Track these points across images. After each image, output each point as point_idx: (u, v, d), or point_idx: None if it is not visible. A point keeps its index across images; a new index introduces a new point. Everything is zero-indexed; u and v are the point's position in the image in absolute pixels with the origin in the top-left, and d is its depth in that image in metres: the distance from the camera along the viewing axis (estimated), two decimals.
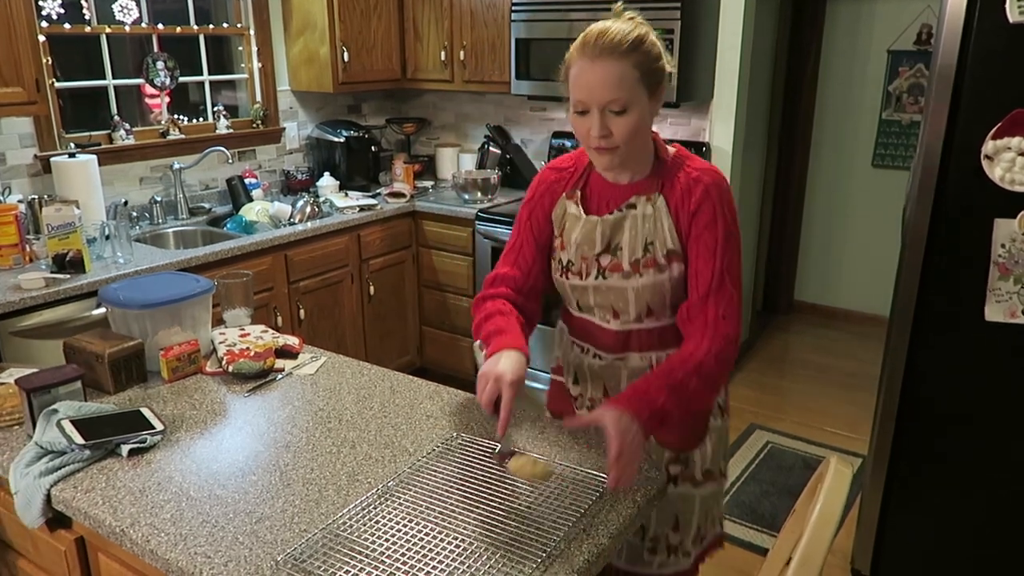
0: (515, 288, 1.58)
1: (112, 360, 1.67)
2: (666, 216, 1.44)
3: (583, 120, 1.38)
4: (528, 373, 1.42)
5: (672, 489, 1.54)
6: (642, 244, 1.45)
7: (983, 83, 1.96)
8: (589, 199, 1.52)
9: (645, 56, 1.35)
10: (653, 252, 1.45)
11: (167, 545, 1.18)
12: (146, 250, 2.91)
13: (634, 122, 1.36)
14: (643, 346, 1.53)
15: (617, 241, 1.48)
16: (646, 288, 1.46)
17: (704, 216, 1.42)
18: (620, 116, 1.35)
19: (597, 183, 1.52)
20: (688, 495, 1.57)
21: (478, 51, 3.73)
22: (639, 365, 1.54)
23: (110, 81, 3.27)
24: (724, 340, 1.38)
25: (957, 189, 2.05)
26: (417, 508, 1.26)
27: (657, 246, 1.45)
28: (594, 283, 1.50)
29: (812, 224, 4.90)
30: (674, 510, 1.56)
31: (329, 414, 1.60)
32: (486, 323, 1.50)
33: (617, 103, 1.34)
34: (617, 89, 1.33)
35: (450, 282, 3.75)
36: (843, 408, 3.73)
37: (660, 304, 1.48)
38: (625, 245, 1.47)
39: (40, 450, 1.40)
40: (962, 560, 2.26)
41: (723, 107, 3.41)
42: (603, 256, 1.49)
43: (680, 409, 1.32)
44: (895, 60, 4.40)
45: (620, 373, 1.56)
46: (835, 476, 0.89)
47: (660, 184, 1.46)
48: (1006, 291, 2.01)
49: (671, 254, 1.45)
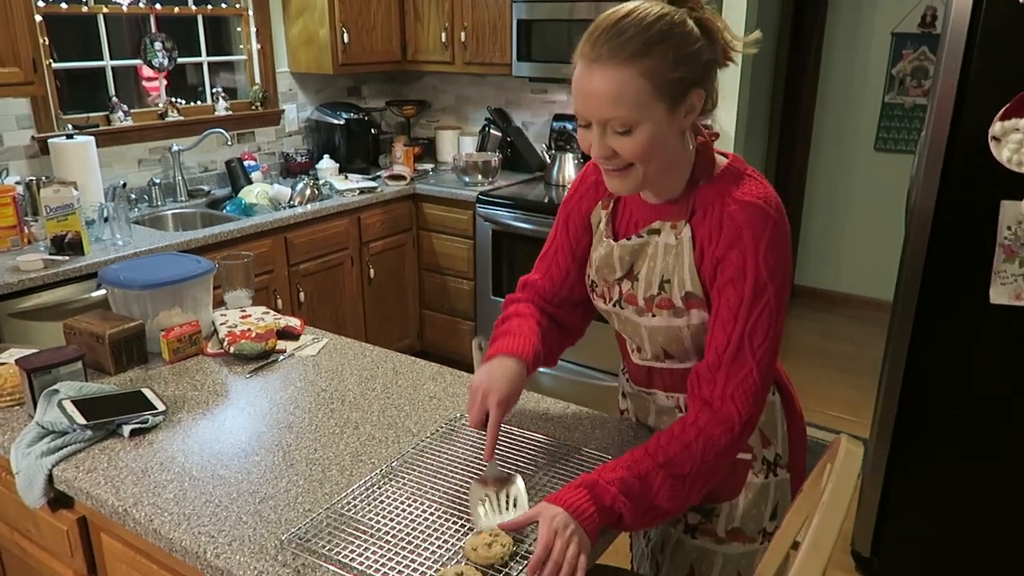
0: (543, 298, 1.42)
1: (113, 341, 1.66)
2: (689, 251, 1.17)
3: (585, 134, 1.12)
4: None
5: (689, 540, 1.36)
6: (658, 280, 1.21)
7: (991, 64, 1.94)
8: (620, 215, 1.29)
9: (662, 60, 1.05)
10: (669, 292, 1.20)
11: (170, 525, 1.17)
12: (145, 232, 2.90)
13: (644, 143, 1.08)
14: (667, 386, 1.34)
15: (638, 269, 1.24)
16: (659, 331, 1.24)
17: (730, 266, 1.12)
18: (625, 136, 1.08)
19: (632, 196, 1.27)
20: (707, 550, 1.35)
21: (479, 33, 3.69)
22: (666, 404, 1.37)
23: (108, 62, 3.24)
24: (724, 425, 1.12)
25: (963, 171, 2.03)
26: (421, 488, 1.26)
27: (675, 285, 1.19)
28: (614, 310, 1.31)
29: (813, 208, 4.89)
30: (689, 560, 1.37)
31: (332, 395, 1.59)
32: (501, 324, 1.37)
33: (618, 122, 1.07)
34: (617, 106, 1.06)
35: (450, 265, 3.74)
36: (843, 391, 3.73)
37: (679, 349, 1.25)
38: (642, 277, 1.23)
39: (41, 430, 1.40)
40: (963, 543, 2.27)
41: (725, 90, 3.38)
42: (623, 282, 1.27)
43: (636, 510, 1.09)
44: (899, 43, 4.37)
45: (649, 407, 1.42)
46: (846, 457, 0.89)
47: (692, 210, 1.18)
48: (1011, 273, 2.00)
49: (690, 298, 1.19)
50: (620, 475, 1.09)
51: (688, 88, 1.09)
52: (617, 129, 1.08)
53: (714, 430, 1.12)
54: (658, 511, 1.11)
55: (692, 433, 1.12)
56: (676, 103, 1.08)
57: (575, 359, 3.34)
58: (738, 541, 1.35)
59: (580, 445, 1.39)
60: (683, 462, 1.10)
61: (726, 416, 1.12)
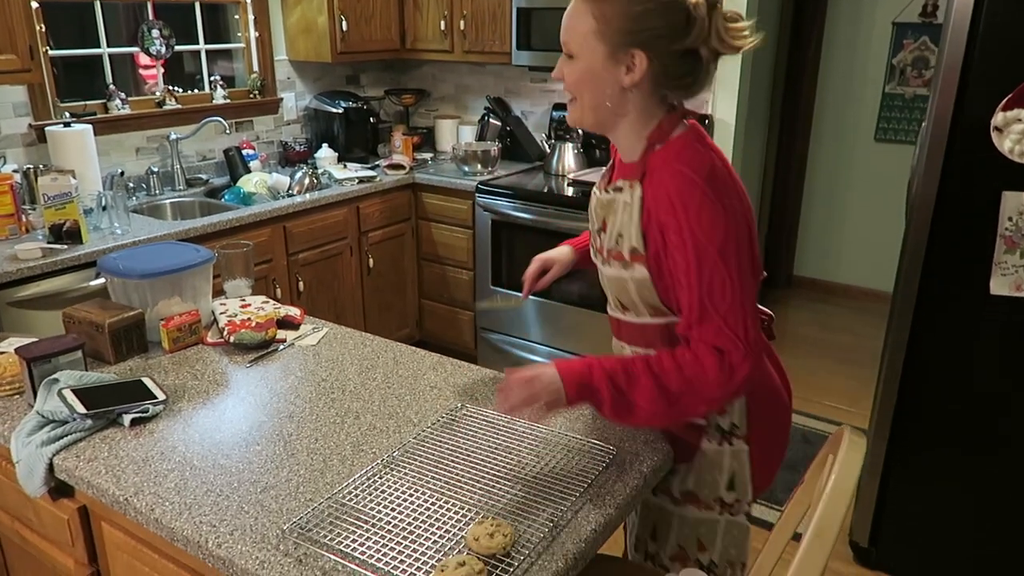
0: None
1: (112, 330, 1.65)
2: (638, 211, 1.26)
3: None
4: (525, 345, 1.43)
5: (651, 497, 1.45)
6: (615, 234, 1.31)
7: (993, 54, 1.94)
8: (613, 170, 1.42)
9: (614, 9, 1.19)
10: (621, 245, 1.30)
11: (172, 514, 1.17)
12: (143, 221, 2.88)
13: (577, 73, 1.26)
14: (632, 339, 1.41)
15: (609, 222, 1.34)
16: (613, 281, 1.36)
17: (672, 233, 1.21)
18: (569, 61, 1.27)
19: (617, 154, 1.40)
20: (665, 510, 1.45)
21: (478, 21, 3.67)
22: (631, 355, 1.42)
23: (105, 49, 3.22)
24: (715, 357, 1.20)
25: (964, 162, 2.03)
26: (422, 478, 1.26)
27: (625, 240, 1.29)
28: (595, 260, 1.43)
29: (813, 198, 4.88)
30: (652, 518, 1.47)
31: (332, 385, 1.59)
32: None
33: (566, 46, 1.26)
34: (568, 31, 1.25)
35: (450, 255, 3.73)
36: (842, 382, 3.74)
37: (629, 301, 1.35)
38: (609, 230, 1.34)
39: (42, 419, 1.39)
40: (961, 535, 2.28)
41: (726, 79, 3.37)
42: (600, 234, 1.38)
43: (615, 400, 1.21)
44: (899, 32, 4.35)
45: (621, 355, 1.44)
46: (849, 447, 0.89)
47: (643, 172, 1.27)
48: (1012, 264, 2.00)
49: (634, 253, 1.28)
50: (611, 366, 1.23)
51: (629, 45, 1.20)
52: (566, 53, 1.27)
53: (707, 360, 1.21)
54: (632, 407, 1.22)
55: (688, 356, 1.23)
56: (615, 52, 1.22)
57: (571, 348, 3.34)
58: (693, 505, 1.43)
59: (584, 436, 1.39)
60: (672, 378, 1.21)
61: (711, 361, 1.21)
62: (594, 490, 1.23)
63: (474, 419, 1.44)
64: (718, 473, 1.40)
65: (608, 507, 1.19)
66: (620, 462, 1.31)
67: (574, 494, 1.21)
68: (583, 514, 1.17)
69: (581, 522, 1.15)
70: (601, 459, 1.31)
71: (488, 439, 1.37)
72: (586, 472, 1.27)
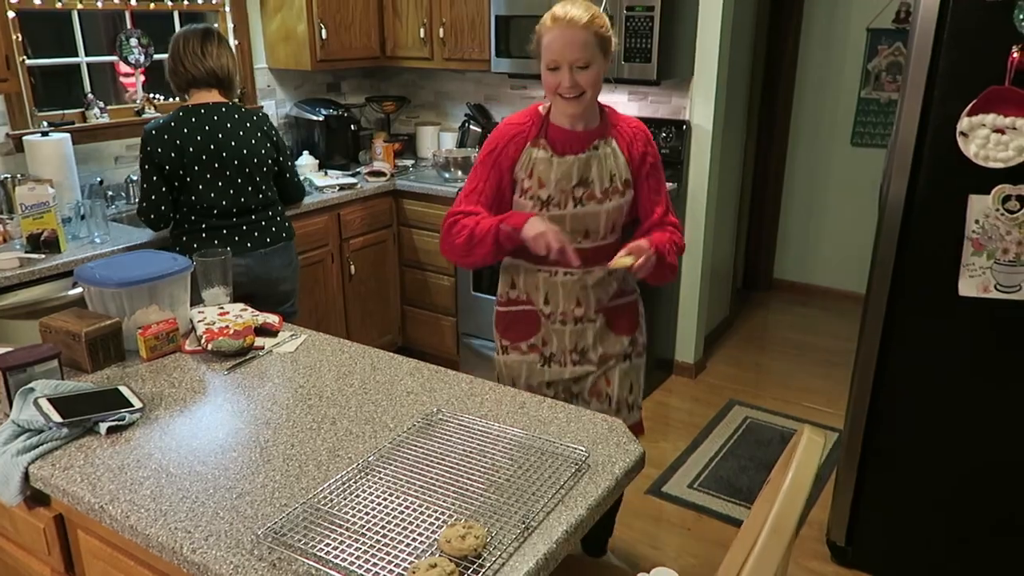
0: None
1: (89, 339, 1.66)
2: (620, 155, 1.90)
3: (555, 75, 1.79)
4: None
5: (629, 363, 2.05)
6: (608, 176, 1.88)
7: (959, 61, 1.98)
8: (554, 145, 1.88)
9: (600, 27, 1.79)
10: (616, 182, 1.89)
11: (147, 521, 1.18)
12: (123, 230, 2.88)
13: (593, 76, 1.80)
14: (601, 260, 1.88)
15: (589, 175, 1.87)
16: (614, 209, 1.90)
17: (650, 160, 1.94)
18: (584, 71, 1.78)
19: (557, 132, 1.88)
20: (637, 365, 2.08)
21: (457, 28, 3.69)
22: (599, 275, 1.93)
23: (83, 58, 3.21)
24: (681, 238, 1.99)
25: (933, 166, 2.07)
26: (398, 482, 1.27)
27: (618, 177, 1.90)
28: (572, 211, 1.88)
29: (791, 202, 4.94)
30: (630, 379, 2.05)
31: (309, 391, 1.60)
32: (478, 224, 1.85)
33: (582, 60, 1.77)
34: (583, 50, 1.76)
35: (431, 261, 3.75)
36: (821, 384, 3.78)
37: (619, 222, 1.94)
38: (595, 178, 1.88)
39: (17, 428, 1.40)
40: (935, 532, 2.31)
41: (703, 85, 3.41)
42: (578, 188, 1.87)
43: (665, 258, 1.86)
44: (874, 38, 4.42)
45: (586, 283, 1.94)
46: (807, 445, 0.91)
47: (608, 131, 1.91)
48: (979, 266, 2.04)
49: (626, 183, 1.91)
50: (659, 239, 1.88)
51: (609, 46, 1.82)
52: (580, 65, 1.77)
53: (680, 239, 1.99)
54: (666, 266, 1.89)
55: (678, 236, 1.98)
56: (605, 53, 1.82)
57: None
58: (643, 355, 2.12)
59: (557, 439, 1.41)
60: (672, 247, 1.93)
61: (681, 235, 2.00)
62: (565, 491, 1.25)
63: (450, 424, 1.46)
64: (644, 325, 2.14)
65: (579, 508, 1.21)
66: (592, 464, 1.33)
67: (546, 495, 1.23)
68: (555, 515, 1.19)
69: (552, 523, 1.17)
70: (573, 461, 1.33)
71: (463, 443, 1.39)
72: (558, 474, 1.29)
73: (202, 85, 2.57)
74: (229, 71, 2.61)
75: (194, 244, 2.56)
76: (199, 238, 2.58)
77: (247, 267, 2.61)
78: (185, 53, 2.54)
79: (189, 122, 2.51)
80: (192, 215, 2.58)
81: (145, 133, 2.50)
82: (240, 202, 2.60)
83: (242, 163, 2.58)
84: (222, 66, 2.58)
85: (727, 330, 4.44)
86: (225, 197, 2.57)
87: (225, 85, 2.61)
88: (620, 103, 3.59)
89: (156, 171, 2.51)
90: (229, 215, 2.60)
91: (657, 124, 3.47)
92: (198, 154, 2.51)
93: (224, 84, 2.61)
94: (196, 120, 2.52)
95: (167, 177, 2.52)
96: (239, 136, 2.57)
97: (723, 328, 4.39)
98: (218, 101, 2.59)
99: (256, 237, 2.65)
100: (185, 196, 2.55)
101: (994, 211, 1.99)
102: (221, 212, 2.58)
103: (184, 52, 2.54)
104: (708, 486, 2.91)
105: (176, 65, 2.56)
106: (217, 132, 2.53)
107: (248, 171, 2.60)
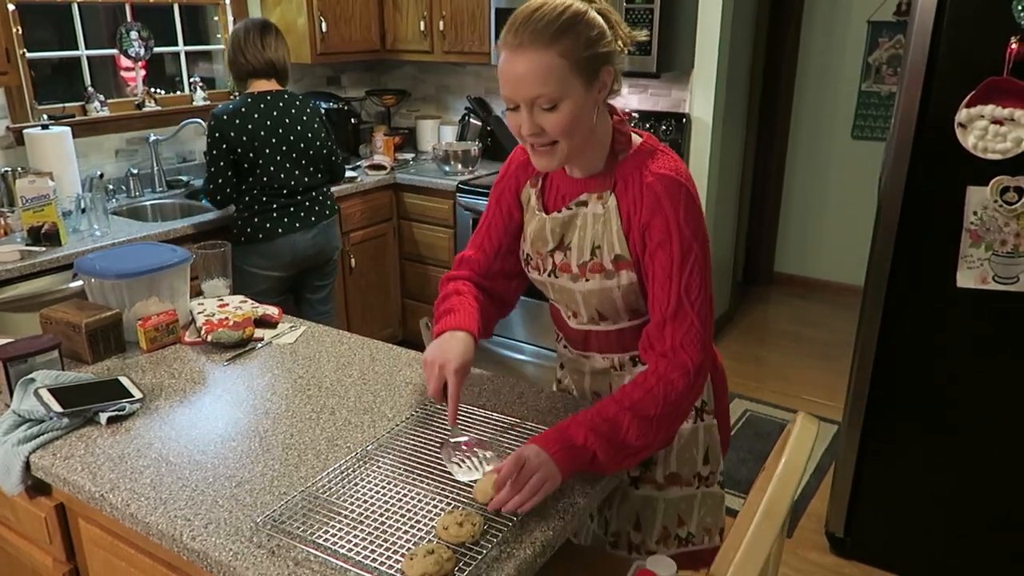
0: (477, 271, 1.53)
1: (90, 330, 1.67)
2: (616, 219, 1.31)
3: (514, 116, 1.24)
4: (511, 344, 1.43)
5: (634, 491, 1.49)
6: (590, 247, 1.34)
7: (958, 52, 1.98)
8: (548, 191, 1.42)
9: (575, 42, 1.18)
10: (600, 256, 1.33)
11: (147, 509, 1.19)
12: (123, 223, 2.89)
13: (567, 117, 1.20)
14: (603, 348, 1.46)
15: (569, 239, 1.37)
16: (593, 293, 1.37)
17: (656, 232, 1.26)
18: (551, 112, 1.20)
19: (558, 174, 1.41)
20: (650, 497, 1.49)
21: (457, 21, 3.69)
22: (602, 365, 1.49)
23: (83, 52, 3.22)
24: (680, 370, 1.24)
25: (931, 158, 2.07)
26: (396, 471, 1.28)
27: (605, 250, 1.33)
28: (549, 280, 1.43)
29: (792, 195, 4.93)
30: (635, 509, 1.50)
31: (308, 382, 1.61)
32: (442, 303, 1.47)
33: (545, 99, 1.19)
34: (543, 84, 1.17)
35: (431, 254, 3.75)
36: (821, 377, 3.79)
37: (612, 310, 1.39)
38: (574, 246, 1.37)
39: (18, 418, 1.40)
40: (934, 523, 2.32)
41: (704, 78, 3.41)
42: (556, 253, 1.40)
43: (608, 448, 1.20)
44: (875, 31, 4.41)
45: (584, 368, 1.53)
46: (801, 430, 0.92)
47: (614, 182, 1.32)
48: (977, 258, 2.04)
49: (619, 260, 1.32)
50: (590, 418, 1.22)
51: (599, 65, 1.23)
52: (544, 106, 1.20)
53: (672, 375, 1.24)
54: (629, 449, 1.22)
55: (653, 380, 1.24)
56: (591, 79, 1.22)
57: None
58: (676, 486, 1.49)
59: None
60: (648, 405, 1.22)
61: (680, 363, 1.25)
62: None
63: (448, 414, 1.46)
64: (695, 450, 1.49)
65: (576, 496, 1.22)
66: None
67: None
68: (551, 502, 1.20)
69: (549, 511, 1.18)
70: None
71: (462, 433, 1.39)
72: None
73: (261, 75, 2.77)
74: (285, 62, 2.83)
75: (266, 224, 2.80)
76: (269, 216, 2.81)
77: (314, 239, 2.91)
78: (246, 45, 2.73)
79: (258, 107, 2.72)
80: (263, 195, 2.79)
81: (216, 118, 2.69)
82: (304, 181, 2.85)
83: (306, 146, 2.82)
84: (279, 57, 2.80)
85: (727, 323, 4.44)
86: (292, 177, 2.81)
87: (281, 75, 2.83)
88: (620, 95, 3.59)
89: (226, 154, 2.71)
90: (295, 193, 2.84)
91: (657, 117, 3.47)
92: (268, 137, 2.73)
93: (281, 74, 2.82)
94: (264, 106, 2.73)
95: (236, 159, 2.72)
96: (301, 121, 2.81)
97: (723, 322, 4.40)
98: (278, 89, 2.80)
99: (317, 212, 2.92)
100: (256, 177, 2.76)
101: (992, 203, 1.99)
102: (289, 191, 2.82)
103: (245, 44, 2.74)
104: None
105: (237, 56, 2.76)
106: (283, 117, 2.76)
107: (311, 153, 2.85)
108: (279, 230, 2.81)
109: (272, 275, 2.87)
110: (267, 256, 2.83)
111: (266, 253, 2.82)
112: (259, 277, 2.85)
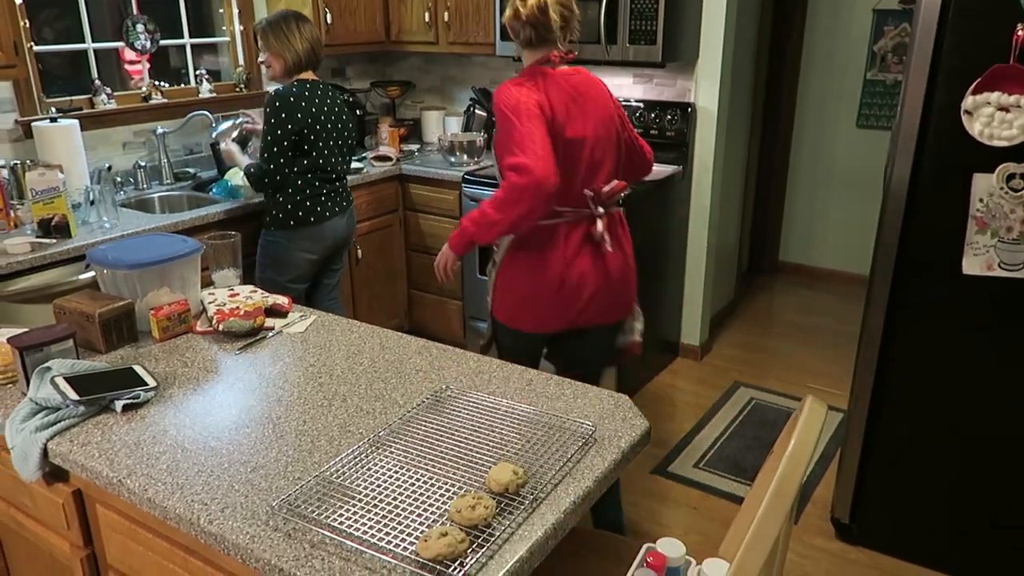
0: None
1: (103, 320, 1.68)
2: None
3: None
4: None
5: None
6: None
7: (964, 38, 1.98)
8: None
9: None
10: None
11: (164, 494, 1.21)
12: (132, 215, 2.91)
13: None
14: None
15: None
16: None
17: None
18: None
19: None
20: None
21: (462, 12, 3.69)
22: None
23: (89, 44, 3.23)
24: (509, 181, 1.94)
25: (937, 145, 2.07)
26: (408, 456, 1.30)
27: None
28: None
29: (797, 185, 4.93)
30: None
31: (320, 369, 1.63)
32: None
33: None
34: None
35: (437, 245, 3.74)
36: (826, 366, 3.79)
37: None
38: None
39: (35, 406, 1.43)
40: (938, 510, 2.33)
41: (709, 68, 3.41)
42: None
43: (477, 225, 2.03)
44: (880, 19, 4.40)
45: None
46: (809, 412, 0.93)
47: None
48: (983, 244, 2.05)
49: None
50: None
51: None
52: None
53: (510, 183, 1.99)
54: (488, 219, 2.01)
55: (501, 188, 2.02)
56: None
57: None
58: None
59: (564, 415, 1.43)
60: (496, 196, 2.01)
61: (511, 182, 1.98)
62: (572, 464, 1.27)
63: (458, 400, 1.48)
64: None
65: (587, 480, 1.24)
66: (599, 438, 1.35)
67: (554, 468, 1.25)
68: (562, 487, 1.21)
69: (560, 494, 1.20)
70: (580, 435, 1.35)
71: (472, 418, 1.41)
72: (565, 448, 1.32)
73: (305, 66, 2.86)
74: (320, 52, 2.92)
75: (316, 207, 2.88)
76: (319, 200, 2.89)
77: (347, 222, 3.04)
78: (290, 38, 2.81)
79: (315, 93, 2.83)
80: (315, 179, 2.87)
81: (280, 100, 2.73)
82: (340, 167, 2.98)
83: (344, 132, 2.95)
84: (319, 46, 2.91)
85: (732, 313, 4.45)
86: (339, 161, 2.95)
87: (316, 65, 2.91)
88: (625, 85, 3.59)
89: (289, 134, 2.75)
90: (334, 179, 2.95)
91: (662, 107, 3.47)
92: (322, 122, 2.83)
93: (316, 65, 2.91)
94: (318, 93, 2.84)
95: (297, 140, 2.78)
96: (338, 109, 2.92)
97: (728, 311, 4.41)
98: (315, 79, 2.88)
99: (347, 197, 3.05)
100: (311, 160, 2.84)
101: (998, 189, 2.00)
102: (337, 175, 2.95)
103: (288, 37, 2.82)
104: (714, 466, 2.94)
105: (283, 49, 2.82)
106: (327, 104, 2.87)
107: (348, 140, 2.99)
108: (327, 214, 2.90)
109: (314, 259, 2.95)
110: (315, 239, 2.91)
111: (315, 236, 2.90)
112: (304, 261, 2.92)
